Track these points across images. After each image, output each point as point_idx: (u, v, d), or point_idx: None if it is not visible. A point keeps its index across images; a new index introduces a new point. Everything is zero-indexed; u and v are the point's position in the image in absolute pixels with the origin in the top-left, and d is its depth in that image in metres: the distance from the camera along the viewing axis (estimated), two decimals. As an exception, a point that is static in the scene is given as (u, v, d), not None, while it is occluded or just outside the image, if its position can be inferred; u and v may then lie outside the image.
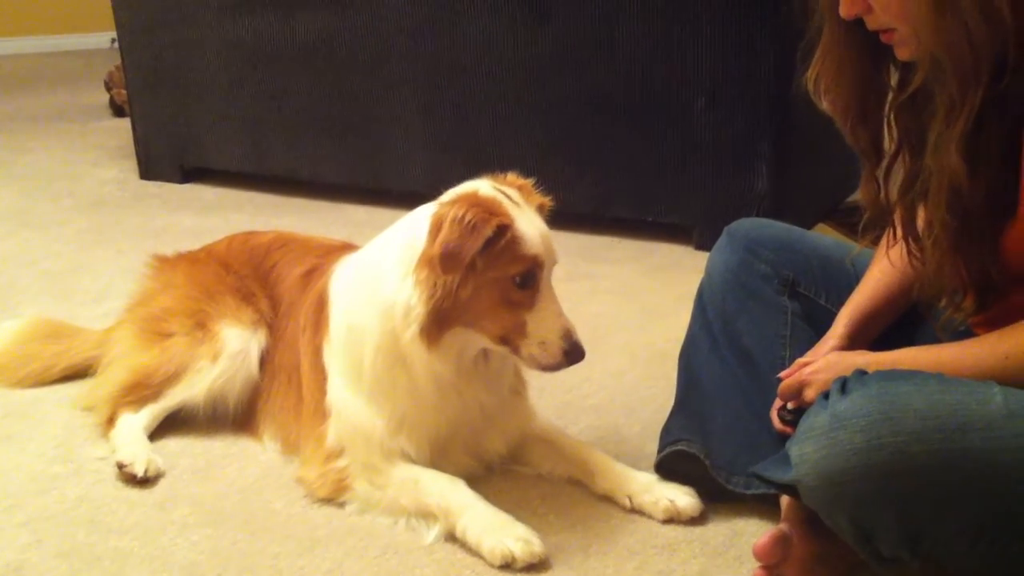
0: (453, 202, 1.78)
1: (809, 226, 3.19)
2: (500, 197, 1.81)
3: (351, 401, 1.93)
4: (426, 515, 1.85)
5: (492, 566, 1.74)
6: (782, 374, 1.78)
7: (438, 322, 1.79)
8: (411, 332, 1.81)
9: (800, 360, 1.79)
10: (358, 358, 1.91)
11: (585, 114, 3.49)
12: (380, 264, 1.90)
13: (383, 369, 1.89)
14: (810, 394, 1.70)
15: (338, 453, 1.95)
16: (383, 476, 1.90)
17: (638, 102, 3.38)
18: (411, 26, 3.73)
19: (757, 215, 2.98)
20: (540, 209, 1.89)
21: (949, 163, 1.43)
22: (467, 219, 1.73)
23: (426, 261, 1.77)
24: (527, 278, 1.78)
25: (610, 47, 3.37)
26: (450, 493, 1.84)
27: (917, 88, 1.48)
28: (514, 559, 1.73)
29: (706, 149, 3.32)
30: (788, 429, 1.75)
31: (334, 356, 1.97)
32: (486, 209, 1.76)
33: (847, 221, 3.47)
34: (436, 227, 1.75)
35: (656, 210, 3.48)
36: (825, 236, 2.17)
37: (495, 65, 3.59)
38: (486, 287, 1.78)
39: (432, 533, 1.83)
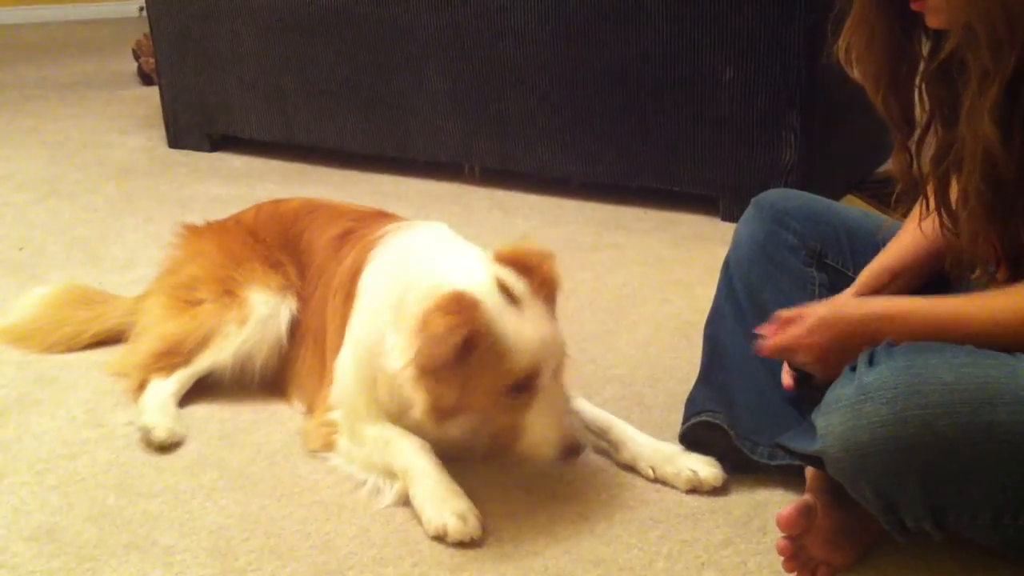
0: (435, 307, 1.72)
1: (838, 197, 3.16)
2: (486, 297, 1.73)
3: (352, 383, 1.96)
4: (391, 474, 1.87)
5: (428, 535, 1.75)
6: (760, 329, 1.73)
7: (439, 414, 1.79)
8: (415, 414, 1.81)
9: (782, 314, 1.72)
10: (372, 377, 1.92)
11: (612, 84, 3.46)
12: (379, 313, 1.88)
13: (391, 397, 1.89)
14: (799, 358, 1.70)
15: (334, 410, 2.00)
16: (361, 435, 1.93)
17: (665, 73, 3.35)
18: (437, -5, 3.72)
19: (785, 186, 2.95)
20: (544, 286, 1.81)
21: (983, 132, 1.41)
22: (435, 330, 1.70)
23: (414, 368, 1.75)
24: (518, 387, 1.75)
25: (637, 17, 3.34)
26: (412, 456, 1.85)
27: (948, 57, 1.47)
28: (447, 534, 1.73)
29: (734, 119, 3.30)
30: (792, 382, 1.79)
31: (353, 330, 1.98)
32: (457, 316, 1.70)
33: (876, 192, 3.44)
34: (417, 331, 1.73)
35: (683, 181, 3.46)
36: (853, 207, 2.15)
37: (521, 35, 3.57)
38: (479, 392, 1.76)
39: (392, 493, 1.85)
